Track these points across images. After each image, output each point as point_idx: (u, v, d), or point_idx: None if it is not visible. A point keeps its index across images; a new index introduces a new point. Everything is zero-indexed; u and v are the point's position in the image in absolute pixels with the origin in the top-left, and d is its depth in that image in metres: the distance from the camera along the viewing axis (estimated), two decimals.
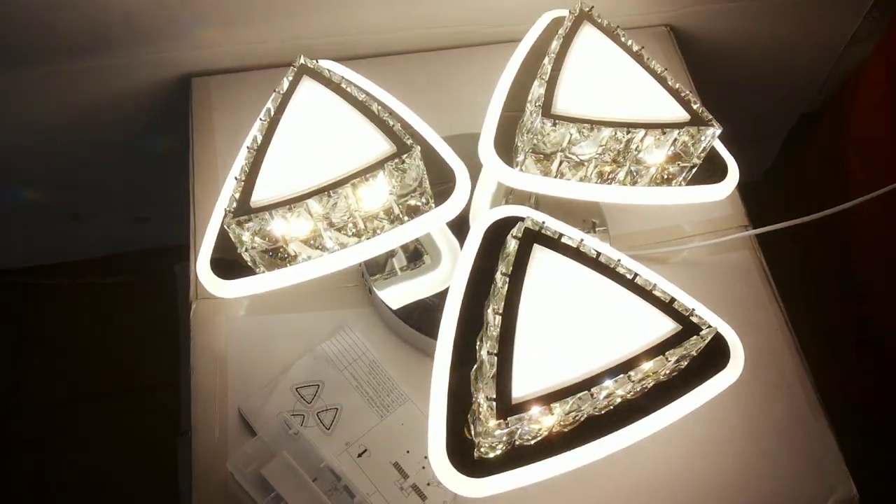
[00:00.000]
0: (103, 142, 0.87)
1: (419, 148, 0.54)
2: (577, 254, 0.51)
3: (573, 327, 0.49)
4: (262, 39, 0.76)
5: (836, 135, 0.99)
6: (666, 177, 0.62)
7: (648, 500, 0.59)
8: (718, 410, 0.49)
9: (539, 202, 0.71)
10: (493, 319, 0.48)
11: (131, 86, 0.79)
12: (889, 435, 0.88)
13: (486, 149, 0.59)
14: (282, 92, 0.58)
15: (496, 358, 0.46)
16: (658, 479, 0.59)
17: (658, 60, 0.75)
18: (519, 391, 0.46)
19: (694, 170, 0.61)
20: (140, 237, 1.14)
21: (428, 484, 0.56)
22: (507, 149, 0.61)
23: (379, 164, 0.53)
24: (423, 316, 0.64)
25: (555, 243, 0.51)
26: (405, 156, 0.53)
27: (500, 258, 0.53)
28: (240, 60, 0.78)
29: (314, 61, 0.60)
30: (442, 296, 0.66)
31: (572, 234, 0.52)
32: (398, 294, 0.65)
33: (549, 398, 0.46)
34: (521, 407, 0.45)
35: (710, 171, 0.62)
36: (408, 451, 0.57)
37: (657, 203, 0.61)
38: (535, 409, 0.45)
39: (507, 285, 0.49)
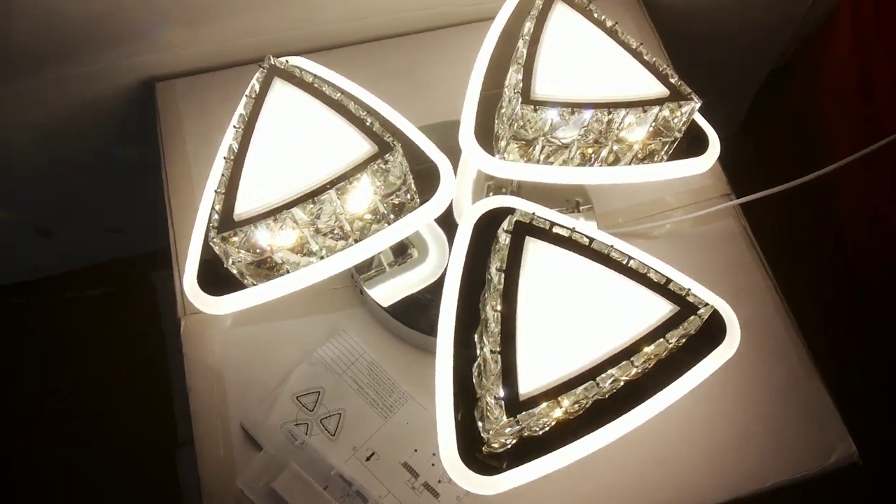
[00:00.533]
0: (69, 156, 0.85)
1: (400, 146, 0.53)
2: (569, 243, 0.50)
3: (572, 317, 0.48)
4: (226, 37, 0.74)
5: (807, 88, 0.99)
6: (648, 153, 0.62)
7: (657, 472, 0.59)
8: (715, 379, 0.49)
9: (521, 186, 0.70)
10: (493, 316, 0.47)
11: (94, 95, 0.76)
12: (883, 389, 0.90)
13: (468, 140, 0.58)
14: (253, 96, 0.57)
15: (500, 356, 0.46)
16: (662, 451, 0.60)
17: (626, 23, 0.75)
18: (526, 387, 0.46)
19: (675, 143, 0.61)
20: (113, 247, 1.12)
21: (439, 481, 0.56)
22: (487, 136, 0.60)
23: (362, 166, 0.52)
24: (415, 311, 0.64)
25: (547, 234, 0.50)
26: (387, 155, 0.52)
27: (493, 252, 0.52)
28: (204, 61, 0.76)
29: (284, 61, 0.59)
30: (432, 289, 0.66)
31: (563, 223, 0.51)
32: (388, 291, 0.65)
33: (557, 391, 0.46)
34: (530, 403, 0.45)
35: (691, 142, 0.62)
36: (416, 450, 0.57)
37: (642, 181, 0.61)
38: (544, 404, 0.45)
39: (503, 281, 0.48)
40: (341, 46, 0.78)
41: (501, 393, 0.45)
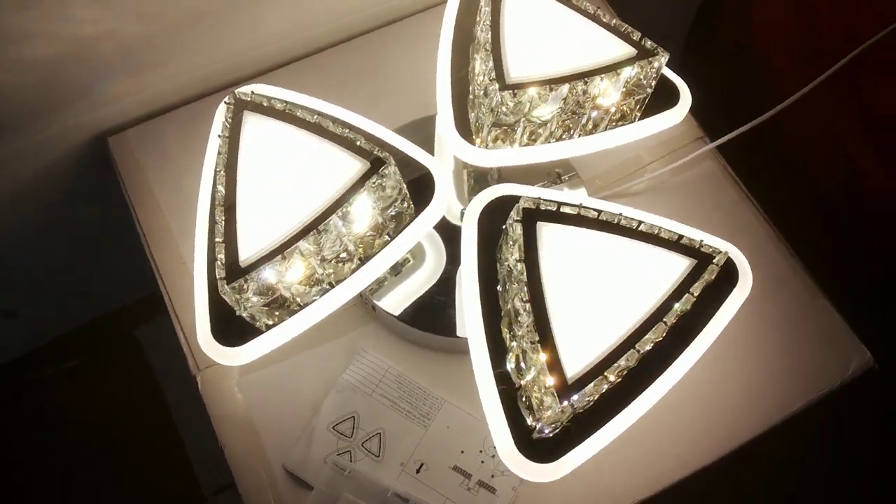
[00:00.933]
0: (29, 228, 0.81)
1: (392, 157, 0.52)
2: (579, 220, 0.51)
3: (598, 292, 0.49)
4: (173, 76, 0.71)
5: (741, 22, 1.01)
6: (622, 113, 0.62)
7: (692, 425, 0.61)
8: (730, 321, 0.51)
9: (501, 170, 0.70)
10: (522, 307, 0.48)
11: (47, 162, 0.73)
12: (886, 290, 0.94)
13: (454, 137, 0.58)
14: (227, 134, 0.55)
15: (539, 345, 0.46)
16: (692, 402, 0.61)
17: None
18: (571, 371, 0.46)
19: (646, 100, 0.62)
20: (83, 311, 1.07)
21: (492, 476, 0.56)
22: (466, 128, 0.59)
23: (358, 185, 0.52)
24: (427, 315, 0.63)
25: (556, 215, 0.51)
26: (382, 169, 0.52)
27: (505, 244, 0.52)
28: (155, 104, 0.73)
29: (248, 92, 0.57)
30: (438, 290, 0.65)
31: (570, 201, 0.52)
32: (396, 300, 0.64)
33: (601, 367, 0.46)
34: (579, 384, 0.46)
35: (662, 95, 0.62)
36: (462, 451, 0.57)
37: (623, 143, 0.61)
38: (592, 383, 0.46)
39: (525, 271, 0.48)
40: (292, 62, 0.76)
41: (550, 381, 0.45)
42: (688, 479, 0.59)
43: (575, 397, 0.45)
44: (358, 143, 0.54)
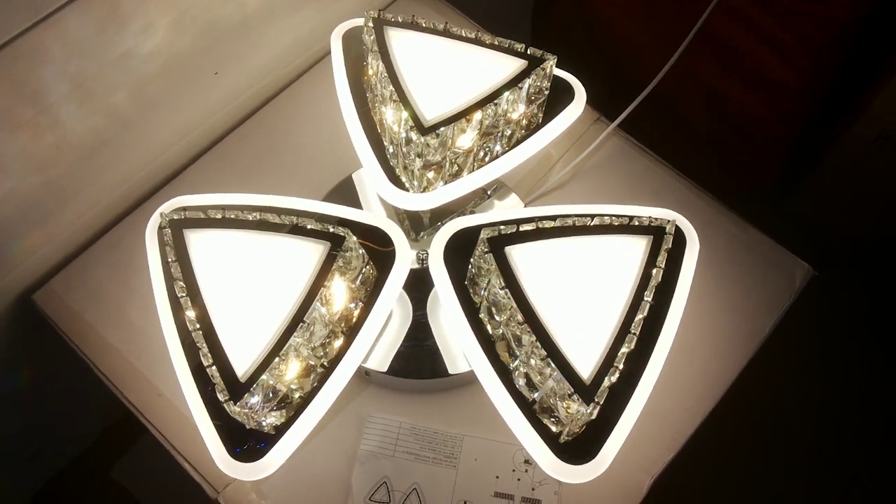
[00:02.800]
0: None
1: (349, 230, 0.53)
2: (540, 233, 0.54)
3: (581, 291, 0.52)
4: (81, 213, 0.69)
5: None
6: (529, 121, 0.66)
7: (681, 374, 0.64)
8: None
9: None
10: (521, 329, 0.50)
11: None
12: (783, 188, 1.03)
13: (390, 191, 0.59)
14: (175, 258, 0.54)
15: (550, 359, 0.49)
16: (677, 356, 0.65)
17: (427, 14, 0.78)
18: (585, 372, 0.49)
19: (545, 101, 0.65)
20: (40, 472, 1.00)
21: (533, 489, 0.59)
22: (395, 178, 0.61)
23: (327, 267, 0.52)
24: (414, 362, 0.65)
25: (519, 236, 0.53)
26: (344, 245, 0.53)
27: (479, 276, 0.54)
28: (69, 246, 0.70)
29: (179, 211, 0.56)
30: (413, 335, 0.66)
31: (525, 216, 0.55)
32: (380, 357, 0.65)
33: (609, 360, 0.49)
34: (596, 383, 0.49)
35: (553, 93, 0.66)
36: (497, 477, 0.59)
37: (542, 146, 0.65)
38: (607, 378, 0.49)
39: (510, 296, 0.51)
40: (197, 157, 0.75)
41: (571, 389, 0.48)
42: (701, 426, 0.63)
43: (597, 394, 0.48)
44: (309, 226, 0.54)
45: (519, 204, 0.73)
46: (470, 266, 0.56)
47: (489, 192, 0.75)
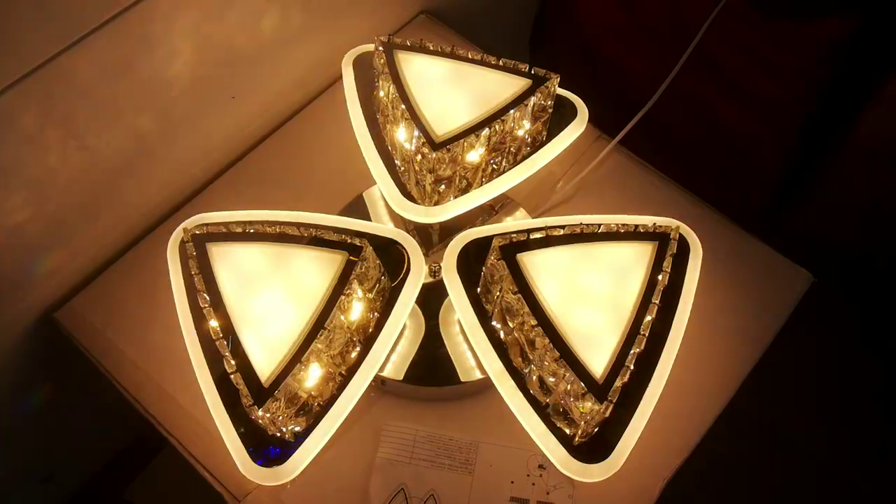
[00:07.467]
0: None
1: (367, 241, 0.56)
2: (550, 240, 0.56)
3: (591, 295, 0.54)
4: (107, 230, 0.71)
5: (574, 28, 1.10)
6: (534, 136, 0.68)
7: (690, 376, 0.65)
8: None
9: None
10: (535, 333, 0.52)
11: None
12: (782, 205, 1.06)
13: (404, 206, 0.62)
14: (198, 271, 0.56)
15: (565, 360, 0.51)
16: (684, 359, 0.67)
17: (432, 38, 0.81)
18: (597, 370, 0.51)
19: (549, 119, 0.68)
20: (53, 494, 1.01)
21: (548, 493, 0.60)
22: (408, 195, 0.64)
23: (345, 279, 0.54)
24: (428, 370, 0.66)
25: (530, 244, 0.56)
26: (361, 256, 0.55)
27: (493, 283, 0.56)
28: (91, 265, 0.72)
29: (201, 228, 0.58)
30: (427, 343, 0.68)
31: (534, 226, 0.57)
32: (396, 366, 0.66)
33: (621, 358, 0.51)
34: (610, 380, 0.50)
35: (556, 111, 0.68)
36: (512, 482, 0.60)
37: (546, 162, 0.67)
38: (619, 377, 0.50)
39: (522, 301, 0.53)
40: (215, 178, 0.78)
41: (584, 388, 0.50)
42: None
43: (611, 392, 0.50)
44: (327, 237, 0.57)
45: (526, 217, 0.75)
46: (482, 274, 0.58)
47: (497, 209, 0.78)
